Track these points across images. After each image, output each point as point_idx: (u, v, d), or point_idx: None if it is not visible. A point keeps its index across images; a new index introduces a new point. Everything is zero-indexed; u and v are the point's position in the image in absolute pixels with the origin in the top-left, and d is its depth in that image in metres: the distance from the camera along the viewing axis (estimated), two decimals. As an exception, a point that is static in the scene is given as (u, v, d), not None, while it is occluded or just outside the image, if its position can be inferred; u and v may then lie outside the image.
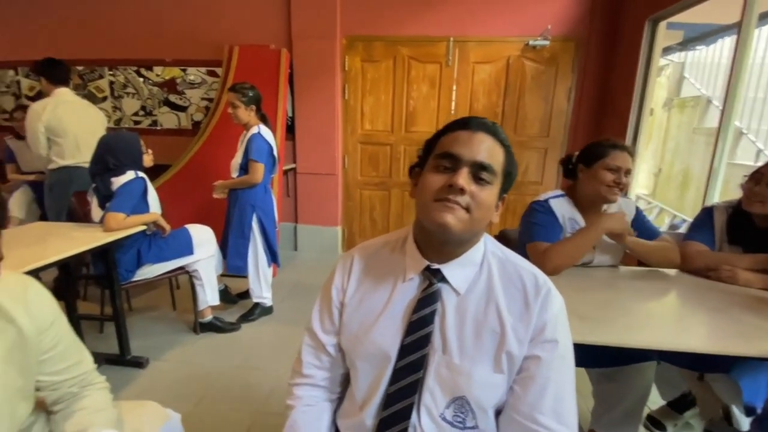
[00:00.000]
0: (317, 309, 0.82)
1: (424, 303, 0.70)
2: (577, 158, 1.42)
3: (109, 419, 0.82)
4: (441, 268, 0.70)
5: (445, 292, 0.71)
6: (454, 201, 0.63)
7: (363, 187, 3.63)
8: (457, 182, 0.62)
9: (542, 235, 1.32)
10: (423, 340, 0.69)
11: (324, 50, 3.26)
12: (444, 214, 0.63)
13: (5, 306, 0.71)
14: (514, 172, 0.71)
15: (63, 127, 2.47)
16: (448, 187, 0.63)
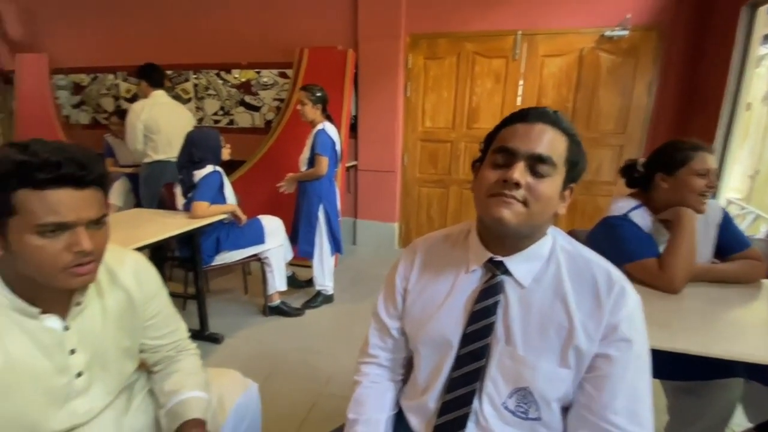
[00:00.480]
0: (382, 295, 0.88)
1: (486, 294, 0.72)
2: (651, 165, 1.27)
3: (199, 382, 0.92)
4: (504, 261, 0.71)
5: (508, 284, 0.71)
6: (510, 195, 0.63)
7: (421, 184, 3.65)
8: (511, 177, 0.62)
9: (643, 251, 1.17)
10: (485, 329, 0.71)
11: (388, 49, 3.33)
12: (500, 208, 0.64)
13: (119, 275, 0.83)
14: (581, 161, 0.69)
15: (157, 125, 2.78)
16: (503, 182, 0.63)
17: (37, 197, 0.60)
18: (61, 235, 0.63)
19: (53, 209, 0.61)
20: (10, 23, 4.59)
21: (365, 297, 2.76)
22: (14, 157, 0.59)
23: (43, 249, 0.62)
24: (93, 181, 0.65)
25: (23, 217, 0.60)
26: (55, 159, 0.60)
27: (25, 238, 0.61)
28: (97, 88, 4.42)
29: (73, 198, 0.63)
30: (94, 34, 4.27)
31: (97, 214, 0.66)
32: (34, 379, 0.71)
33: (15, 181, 0.59)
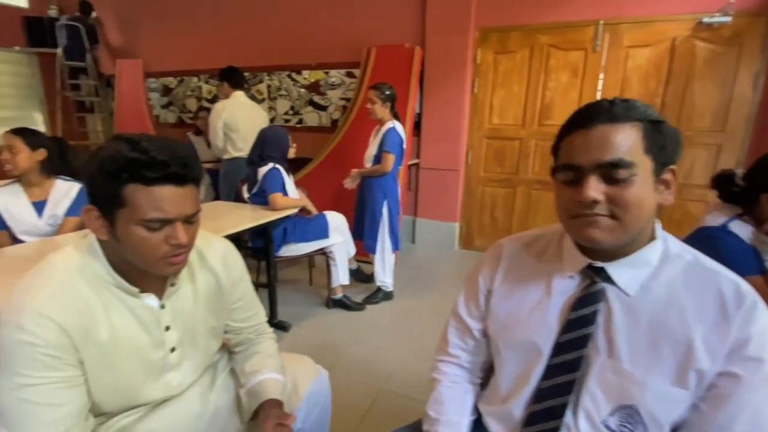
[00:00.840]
0: (463, 294, 0.85)
1: (584, 302, 0.66)
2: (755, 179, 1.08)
3: (276, 365, 0.96)
4: (606, 267, 0.64)
5: (610, 292, 0.65)
6: (592, 214, 0.57)
7: (486, 183, 3.53)
8: (586, 196, 0.56)
9: (749, 267, 1.05)
10: (582, 340, 0.65)
11: (456, 45, 3.26)
12: (587, 230, 0.58)
13: (209, 260, 0.89)
14: (668, 140, 0.59)
15: (236, 124, 2.98)
16: (579, 203, 0.58)
17: (144, 192, 0.65)
18: (162, 228, 0.68)
19: (158, 205, 0.65)
20: (111, 33, 5.18)
21: (424, 296, 2.73)
22: (127, 154, 0.63)
23: (146, 240, 0.67)
24: (192, 179, 0.70)
25: (131, 210, 0.65)
26: (163, 158, 0.64)
27: (131, 228, 0.66)
28: (183, 90, 4.84)
29: (174, 194, 0.67)
30: (181, 40, 4.67)
31: (193, 210, 0.71)
32: (135, 351, 0.77)
33: (127, 176, 0.63)
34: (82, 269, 0.71)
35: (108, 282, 0.73)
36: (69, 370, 0.68)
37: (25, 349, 0.63)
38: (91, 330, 0.70)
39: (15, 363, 0.64)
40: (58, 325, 0.65)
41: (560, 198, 0.63)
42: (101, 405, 0.75)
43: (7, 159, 1.69)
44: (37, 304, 0.65)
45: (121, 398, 0.78)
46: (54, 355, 0.65)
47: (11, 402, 0.64)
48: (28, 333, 0.63)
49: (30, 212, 1.77)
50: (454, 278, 3.06)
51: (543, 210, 3.36)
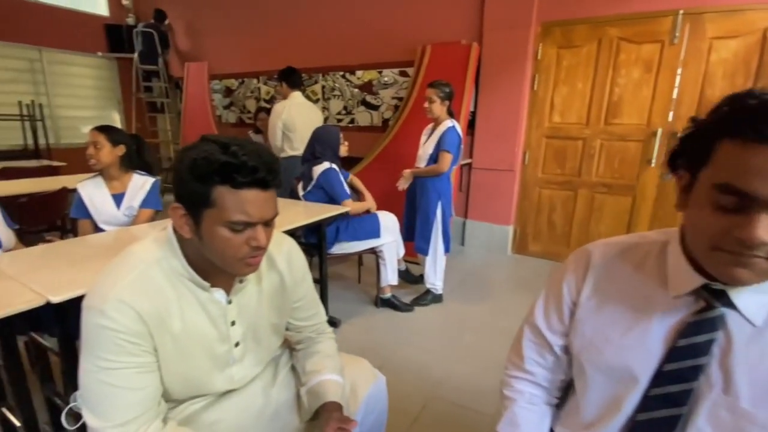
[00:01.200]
0: (542, 304, 0.76)
1: (697, 328, 0.57)
2: None
3: (336, 366, 0.96)
4: (728, 291, 0.55)
5: (731, 319, 0.55)
6: (750, 255, 0.47)
7: (543, 185, 3.35)
8: (753, 238, 0.45)
9: None
10: (692, 371, 0.56)
11: (516, 40, 3.12)
12: (735, 269, 0.48)
13: (274, 257, 0.90)
14: None
15: (294, 124, 3.06)
16: (736, 239, 0.47)
17: (232, 195, 0.66)
18: (245, 230, 0.69)
19: (244, 209, 0.67)
20: (181, 38, 5.54)
21: (475, 301, 2.64)
22: (219, 157, 0.64)
23: (229, 241, 0.69)
24: (275, 184, 0.71)
25: (218, 211, 0.66)
26: (253, 163, 0.65)
27: (215, 229, 0.68)
28: (243, 92, 5.07)
29: (259, 199, 0.68)
30: (242, 44, 4.89)
31: (274, 214, 0.73)
32: (203, 343, 0.79)
33: (217, 179, 0.65)
34: (160, 261, 0.74)
35: (182, 275, 0.75)
36: (145, 356, 0.71)
37: (106, 334, 0.67)
38: (165, 320, 0.73)
39: (97, 347, 0.68)
40: (136, 313, 0.68)
41: (704, 225, 0.50)
42: (170, 392, 0.78)
43: (92, 154, 1.84)
44: (118, 291, 0.68)
45: (189, 387, 0.81)
46: (132, 342, 0.69)
47: (93, 383, 0.68)
48: (109, 319, 0.66)
49: (110, 203, 1.92)
50: (508, 284, 2.93)
51: (607, 216, 3.14)
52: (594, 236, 3.18)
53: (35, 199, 2.43)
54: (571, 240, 3.30)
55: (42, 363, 1.38)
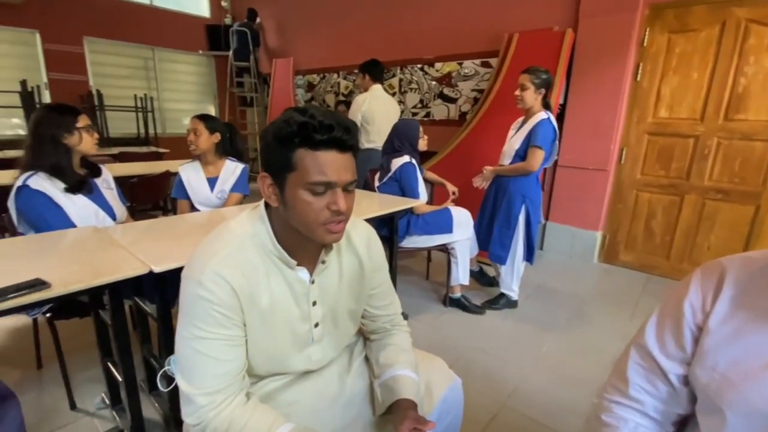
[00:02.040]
0: (655, 323, 0.65)
1: None
2: None
3: (410, 361, 0.92)
4: None
5: None
6: None
7: (642, 188, 2.99)
8: None
9: None
10: None
11: (618, 25, 2.80)
12: None
13: (355, 241, 0.89)
14: None
15: (372, 117, 3.08)
16: None
17: (311, 156, 0.67)
18: (325, 194, 0.69)
19: (322, 170, 0.67)
20: (269, 35, 5.89)
21: (555, 311, 2.43)
22: (298, 118, 0.66)
23: (310, 204, 0.69)
24: (352, 146, 0.71)
25: (299, 174, 0.68)
26: (329, 122, 0.66)
27: (298, 192, 0.69)
28: (324, 86, 5.24)
29: (337, 160, 0.68)
30: (325, 39, 5.05)
31: (352, 178, 0.72)
32: (287, 321, 0.80)
33: (297, 140, 0.67)
34: (253, 237, 0.76)
35: (272, 252, 0.77)
36: (235, 329, 0.73)
37: (202, 304, 0.70)
38: (255, 295, 0.74)
39: (193, 315, 0.71)
40: (231, 287, 0.71)
41: None
42: (253, 367, 0.80)
43: (192, 140, 2.00)
44: (215, 264, 0.71)
45: (271, 363, 0.82)
46: (225, 314, 0.71)
47: (187, 350, 0.71)
48: (206, 289, 0.69)
49: (205, 186, 2.08)
50: (593, 295, 2.66)
51: (721, 226, 2.70)
52: (702, 249, 2.77)
53: (143, 181, 2.74)
54: (672, 252, 2.90)
55: (142, 326, 1.52)
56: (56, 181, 1.52)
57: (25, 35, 4.78)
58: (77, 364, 1.73)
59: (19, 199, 1.46)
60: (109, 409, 1.53)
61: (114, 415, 1.50)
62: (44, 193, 1.47)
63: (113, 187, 1.81)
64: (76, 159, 1.62)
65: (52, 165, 1.52)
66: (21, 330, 2.00)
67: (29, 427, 1.44)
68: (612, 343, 2.08)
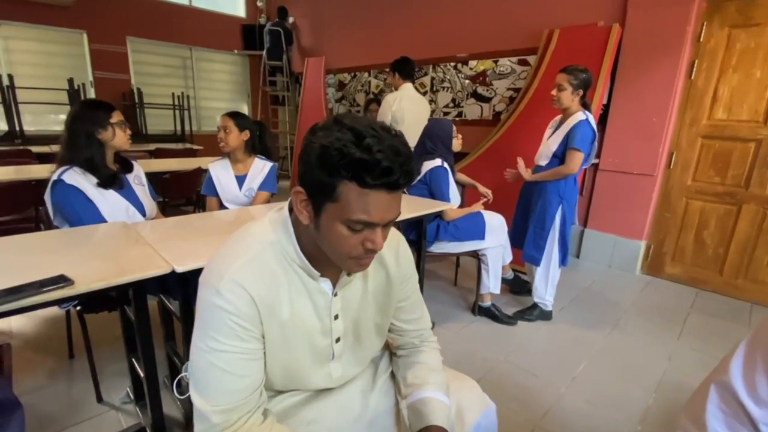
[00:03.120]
0: (742, 359, 0.54)
1: None
2: None
3: (440, 382, 0.84)
4: None
5: None
6: None
7: (694, 195, 2.76)
8: None
9: None
10: None
11: (670, 19, 2.60)
12: None
13: (383, 253, 0.81)
14: None
15: (402, 116, 3.00)
16: None
17: (358, 193, 0.59)
18: (363, 231, 0.63)
19: (367, 209, 0.60)
20: (302, 34, 5.93)
21: (591, 324, 2.27)
22: (352, 152, 0.57)
23: (345, 239, 0.63)
24: (406, 186, 0.63)
25: (340, 206, 0.60)
26: (387, 164, 0.57)
27: (334, 224, 0.62)
28: (354, 85, 5.22)
29: (384, 201, 0.61)
30: (356, 38, 5.02)
31: (396, 215, 0.65)
32: (307, 334, 0.74)
33: (345, 173, 0.58)
34: (274, 244, 0.70)
35: (294, 261, 0.71)
36: (253, 342, 0.68)
37: (219, 314, 0.65)
38: (275, 306, 0.69)
39: (209, 325, 0.66)
40: (250, 297, 0.66)
41: None
42: (271, 381, 0.75)
43: (222, 137, 2.00)
44: (234, 272, 0.66)
45: (289, 378, 0.77)
46: (243, 326, 0.66)
47: (202, 362, 0.67)
48: (224, 299, 0.64)
49: (233, 184, 2.07)
50: (636, 310, 2.48)
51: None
52: (760, 264, 2.53)
53: (176, 177, 2.79)
54: (726, 266, 2.66)
55: (167, 323, 1.52)
56: (89, 176, 1.54)
57: (74, 35, 5.03)
58: (106, 356, 1.76)
59: (54, 194, 1.49)
60: (133, 404, 1.53)
61: (137, 411, 1.50)
62: (77, 187, 1.50)
63: (144, 183, 1.83)
64: (110, 154, 1.63)
65: (85, 159, 1.54)
66: (56, 320, 2.07)
67: (59, 416, 1.47)
68: (657, 364, 1.92)
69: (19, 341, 1.92)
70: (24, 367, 1.73)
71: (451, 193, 2.22)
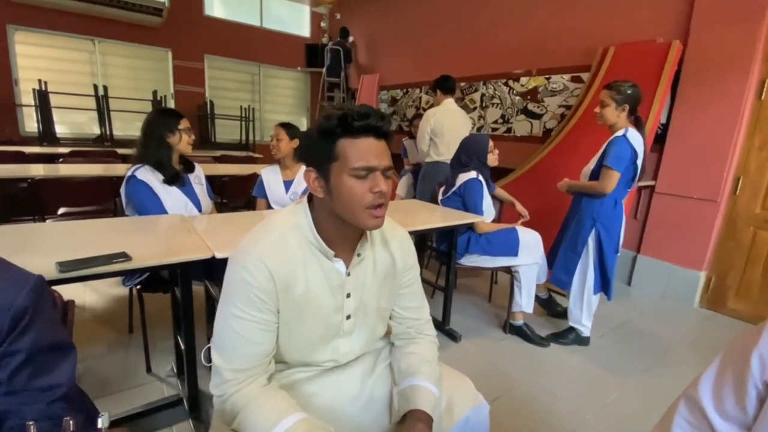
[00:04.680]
0: (713, 375, 0.55)
1: None
2: None
3: (433, 373, 0.88)
4: None
5: None
6: None
7: (762, 225, 2.51)
8: None
9: None
10: None
11: (737, 37, 2.43)
12: None
13: (390, 243, 0.91)
14: None
15: (442, 130, 3.07)
16: None
17: (352, 144, 0.74)
18: (366, 178, 0.74)
19: (363, 156, 0.74)
20: (360, 53, 6.22)
21: (633, 355, 2.13)
22: (336, 113, 0.74)
23: (354, 188, 0.74)
24: (387, 133, 0.77)
25: (342, 162, 0.74)
26: (364, 111, 0.74)
27: (342, 179, 0.74)
28: (406, 101, 5.36)
29: (374, 146, 0.75)
30: (410, 56, 5.18)
31: (389, 163, 0.77)
32: (320, 310, 0.83)
33: (338, 131, 0.73)
34: (294, 228, 0.81)
35: (311, 243, 0.81)
36: (269, 314, 0.78)
37: (243, 286, 0.75)
38: (291, 283, 0.79)
39: (233, 295, 0.77)
40: (270, 272, 0.76)
41: None
42: (283, 353, 0.84)
43: (274, 145, 2.19)
44: (258, 251, 0.76)
45: (299, 352, 0.85)
46: (262, 298, 0.76)
47: (224, 327, 0.77)
48: (248, 273, 0.75)
49: (281, 187, 2.25)
50: (689, 346, 2.28)
51: None
52: None
53: (233, 180, 3.05)
54: (801, 306, 2.37)
55: (210, 307, 1.69)
56: (157, 173, 1.78)
57: (161, 52, 5.70)
58: (160, 334, 1.97)
59: (127, 187, 1.73)
60: (176, 377, 1.71)
61: (178, 383, 1.67)
62: (146, 183, 1.73)
63: (203, 183, 2.05)
64: (175, 156, 1.87)
65: (155, 159, 1.77)
66: (121, 298, 2.35)
67: (114, 381, 1.68)
68: (704, 404, 1.76)
69: (90, 314, 2.22)
70: (90, 336, 1.99)
71: (484, 206, 2.23)
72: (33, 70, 4.86)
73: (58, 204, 2.61)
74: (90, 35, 5.15)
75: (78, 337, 1.93)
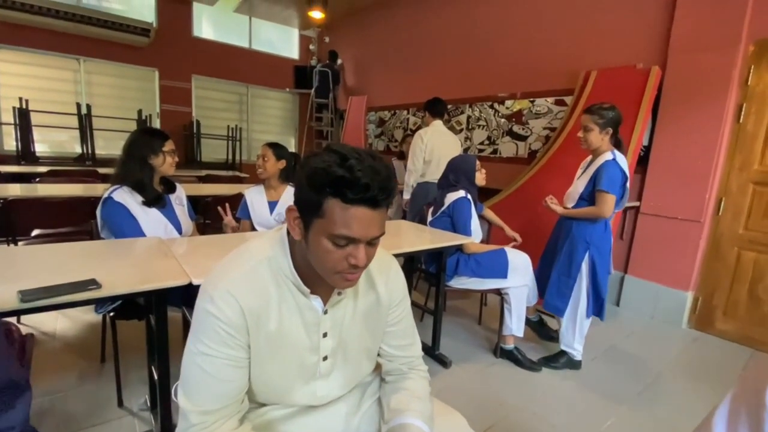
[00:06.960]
0: (726, 415, 0.51)
1: None
2: None
3: (424, 410, 0.83)
4: None
5: None
6: None
7: (745, 245, 2.54)
8: None
9: None
10: None
11: (714, 63, 2.52)
12: None
13: (373, 274, 0.84)
14: None
15: (431, 151, 3.08)
16: None
17: (341, 209, 0.64)
18: (346, 246, 0.67)
19: (349, 225, 0.65)
20: (348, 75, 6.30)
21: (625, 378, 2.10)
22: (335, 170, 0.63)
23: (329, 253, 0.67)
24: (386, 203, 0.67)
25: (325, 222, 0.65)
26: (366, 181, 0.62)
27: (320, 239, 0.67)
28: (393, 122, 5.42)
29: (366, 216, 0.65)
30: (397, 78, 5.26)
31: (379, 233, 0.68)
32: (294, 349, 0.77)
33: (330, 191, 0.64)
34: (270, 260, 0.75)
35: (287, 277, 0.75)
36: (239, 351, 0.72)
37: (210, 320, 0.69)
38: (263, 318, 0.73)
39: (201, 330, 0.71)
40: (240, 307, 0.70)
41: None
42: (254, 392, 0.77)
43: (260, 164, 2.15)
44: (228, 282, 0.71)
45: (272, 392, 0.79)
46: (230, 333, 0.70)
47: (190, 365, 0.71)
48: (216, 306, 0.69)
49: (265, 208, 2.20)
50: (679, 367, 2.26)
51: None
52: (831, 327, 2.23)
53: (216, 200, 2.98)
54: (788, 326, 2.39)
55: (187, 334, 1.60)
56: (136, 194, 1.71)
57: (147, 72, 5.68)
58: (133, 363, 1.86)
59: (103, 209, 1.66)
60: (149, 411, 1.60)
61: (151, 418, 1.56)
62: (124, 205, 1.66)
63: (185, 203, 1.99)
64: (157, 177, 1.81)
65: (136, 180, 1.71)
66: (94, 325, 2.23)
67: (82, 416, 1.56)
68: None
69: (60, 342, 2.09)
70: (59, 367, 1.87)
71: (472, 226, 2.20)
72: (14, 88, 4.78)
73: (32, 225, 2.51)
74: (75, 54, 5.11)
75: (46, 368, 1.82)
